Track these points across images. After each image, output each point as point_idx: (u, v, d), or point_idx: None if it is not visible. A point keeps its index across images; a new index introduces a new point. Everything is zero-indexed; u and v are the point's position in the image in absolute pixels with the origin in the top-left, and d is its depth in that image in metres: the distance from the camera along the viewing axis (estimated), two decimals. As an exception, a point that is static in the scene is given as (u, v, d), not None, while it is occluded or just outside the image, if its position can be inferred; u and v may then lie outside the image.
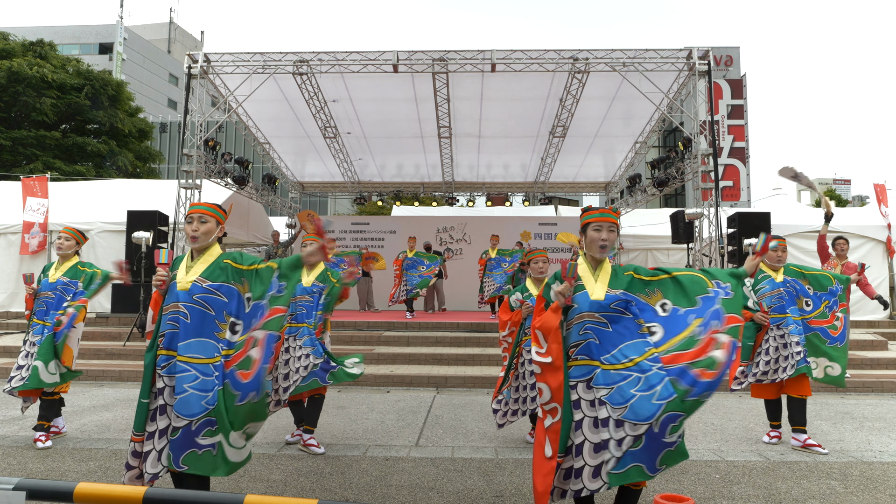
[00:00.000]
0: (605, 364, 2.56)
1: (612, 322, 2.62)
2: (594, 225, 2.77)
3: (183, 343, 2.62)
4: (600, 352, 2.59)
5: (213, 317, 2.66)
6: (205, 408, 2.54)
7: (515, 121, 11.75)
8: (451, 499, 3.38)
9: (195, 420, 2.53)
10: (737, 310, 2.54)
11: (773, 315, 4.49)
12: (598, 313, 2.62)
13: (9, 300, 11.11)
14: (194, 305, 2.66)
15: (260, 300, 2.69)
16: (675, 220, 10.63)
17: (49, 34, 34.75)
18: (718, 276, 2.66)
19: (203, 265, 2.77)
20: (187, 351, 2.60)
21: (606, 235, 2.73)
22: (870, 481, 3.72)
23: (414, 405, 6.00)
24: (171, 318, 2.68)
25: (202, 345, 2.62)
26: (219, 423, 2.55)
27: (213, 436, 2.54)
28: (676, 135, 16.11)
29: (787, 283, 4.52)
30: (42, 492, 1.51)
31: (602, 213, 2.76)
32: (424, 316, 11.01)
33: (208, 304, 2.67)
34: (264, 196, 13.30)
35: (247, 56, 9.66)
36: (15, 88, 21.73)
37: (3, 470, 3.81)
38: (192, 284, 2.69)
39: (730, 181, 16.21)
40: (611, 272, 2.74)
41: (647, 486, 3.58)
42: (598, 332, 2.61)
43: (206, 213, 2.86)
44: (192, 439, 2.52)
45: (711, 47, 10.62)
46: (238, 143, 34.89)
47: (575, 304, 2.66)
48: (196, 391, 2.55)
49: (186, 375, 2.57)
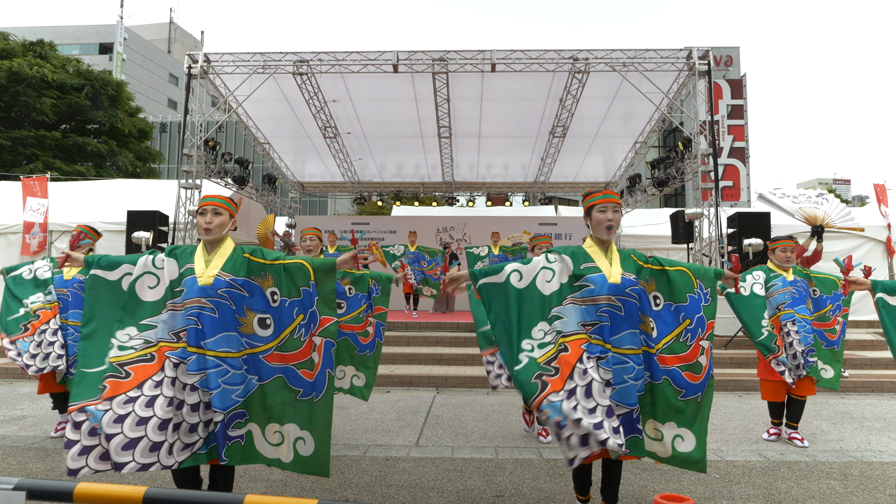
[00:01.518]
0: (613, 347, 2.64)
1: (625, 306, 2.68)
2: (599, 206, 2.83)
3: (212, 339, 2.59)
4: (611, 333, 2.66)
5: (234, 311, 2.65)
6: (236, 401, 2.57)
7: (515, 121, 11.75)
8: (451, 499, 3.39)
9: (227, 413, 2.55)
10: (713, 315, 2.80)
11: (786, 311, 4.51)
12: (615, 296, 2.68)
13: (9, 300, 11.10)
14: (220, 300, 2.62)
15: (293, 298, 2.71)
16: (675, 220, 10.63)
17: (49, 34, 34.75)
18: (700, 277, 2.82)
19: (222, 259, 2.72)
20: (217, 346, 2.58)
21: (612, 215, 2.80)
22: (870, 481, 3.72)
23: (414, 405, 6.00)
24: (193, 314, 2.60)
25: (230, 339, 2.61)
26: (250, 414, 2.61)
27: (241, 427, 2.60)
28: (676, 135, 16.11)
29: (797, 282, 4.56)
30: (42, 492, 1.51)
31: (605, 194, 2.85)
32: (425, 316, 11.01)
33: (231, 298, 2.65)
34: (264, 196, 13.30)
35: (247, 56, 9.66)
36: (15, 88, 21.72)
37: (3, 470, 3.81)
38: (216, 279, 2.64)
39: (730, 181, 16.20)
40: (621, 254, 2.81)
41: (646, 485, 3.58)
42: (612, 315, 2.67)
43: (219, 206, 2.81)
44: (224, 432, 2.55)
45: (711, 47, 10.61)
46: (238, 143, 34.86)
47: (592, 285, 2.68)
48: (227, 385, 2.56)
49: (219, 370, 2.56)
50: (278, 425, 2.65)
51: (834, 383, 4.50)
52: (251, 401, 2.62)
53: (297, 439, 2.64)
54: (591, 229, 2.88)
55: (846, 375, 6.78)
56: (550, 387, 2.52)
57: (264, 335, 2.68)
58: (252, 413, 2.61)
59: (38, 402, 5.90)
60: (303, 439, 2.63)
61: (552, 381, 2.53)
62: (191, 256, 2.74)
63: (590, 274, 2.70)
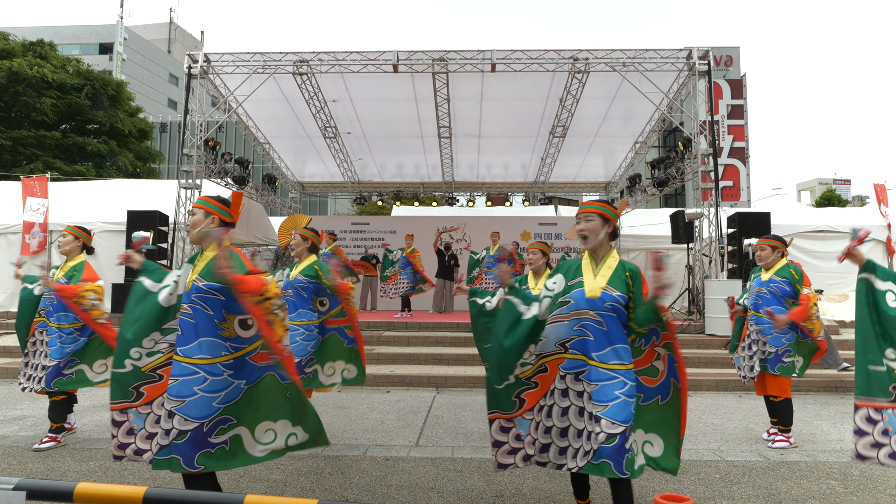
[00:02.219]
0: (594, 361, 2.63)
1: (607, 321, 2.66)
2: (576, 218, 2.89)
3: (189, 346, 2.57)
4: (594, 348, 2.64)
5: (212, 316, 2.60)
6: (216, 408, 2.50)
7: (515, 121, 11.75)
8: (451, 499, 3.39)
9: (207, 421, 2.48)
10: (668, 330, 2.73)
11: (751, 312, 4.62)
12: (593, 311, 2.66)
13: (9, 300, 11.10)
14: (195, 305, 2.61)
15: None
16: (675, 220, 10.63)
17: (49, 34, 34.73)
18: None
19: (202, 263, 2.74)
20: (192, 353, 2.55)
21: (584, 225, 2.82)
22: (870, 481, 3.72)
23: (414, 405, 6.00)
24: (178, 321, 2.65)
25: (207, 345, 2.56)
26: (238, 419, 2.55)
27: (226, 433, 2.52)
28: (676, 135, 16.10)
29: (773, 282, 4.53)
30: (42, 492, 1.51)
31: (582, 205, 2.90)
32: (425, 316, 11.01)
33: (206, 303, 2.61)
34: (264, 196, 13.30)
35: (247, 56, 9.66)
36: (15, 88, 21.72)
37: (3, 470, 3.81)
38: (192, 284, 2.66)
39: (730, 181, 16.18)
40: (616, 268, 2.75)
41: (646, 485, 3.58)
42: (593, 329, 2.66)
43: (195, 206, 2.86)
44: (204, 440, 2.48)
45: (711, 47, 10.62)
46: (238, 143, 34.86)
47: (572, 300, 2.69)
48: (206, 393, 2.50)
49: (195, 378, 2.51)
50: (271, 422, 2.62)
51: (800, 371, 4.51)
52: (238, 405, 2.56)
53: (290, 434, 2.64)
54: None
55: (850, 369, 6.76)
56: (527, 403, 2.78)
57: (247, 336, 2.62)
58: (240, 417, 2.55)
59: (38, 402, 5.90)
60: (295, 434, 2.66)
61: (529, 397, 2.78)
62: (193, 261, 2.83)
63: (573, 290, 2.72)
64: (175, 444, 2.47)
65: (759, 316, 4.53)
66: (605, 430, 2.48)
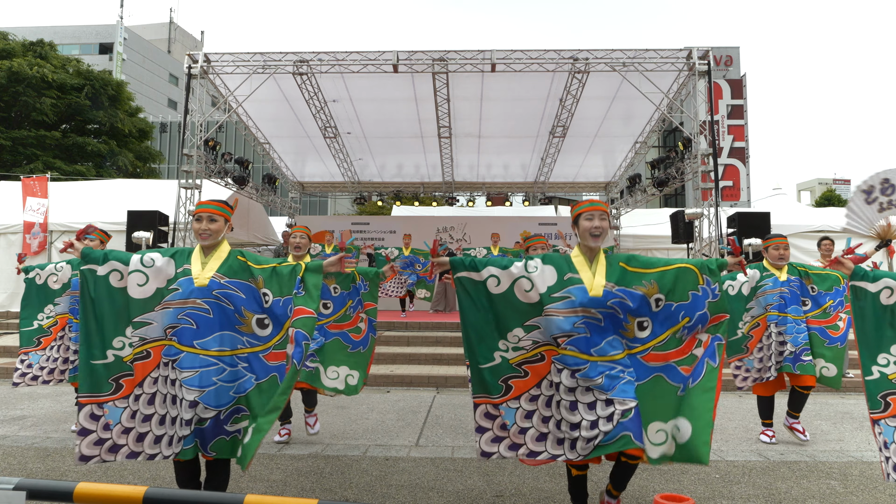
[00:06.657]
0: (594, 356, 2.64)
1: (606, 318, 2.69)
2: (586, 214, 2.87)
3: (206, 339, 2.67)
4: (590, 345, 2.66)
5: (232, 311, 2.74)
6: (233, 397, 2.66)
7: (515, 121, 11.75)
8: (451, 499, 3.39)
9: (224, 409, 2.63)
10: (722, 308, 2.75)
11: (772, 313, 4.51)
12: (595, 309, 2.68)
13: (9, 300, 11.10)
14: (215, 301, 2.71)
15: (283, 297, 2.76)
16: (675, 220, 10.63)
17: (49, 34, 34.72)
18: (707, 272, 2.78)
19: (217, 261, 2.81)
20: (211, 345, 2.67)
21: (598, 223, 2.82)
22: (870, 481, 3.72)
23: (414, 405, 6.00)
24: (188, 314, 2.69)
25: (225, 338, 2.70)
26: (248, 410, 2.67)
27: (240, 422, 2.66)
28: (676, 135, 16.10)
29: (791, 282, 4.52)
30: (42, 492, 1.52)
31: (591, 202, 2.89)
32: (425, 316, 11.01)
33: (227, 299, 2.73)
34: (264, 196, 13.30)
35: (247, 56, 9.66)
36: (15, 88, 21.72)
37: (3, 470, 3.81)
38: (211, 280, 2.74)
39: (730, 181, 16.19)
40: (606, 264, 2.80)
41: (646, 485, 3.58)
42: (591, 326, 2.68)
43: (214, 213, 2.90)
44: (221, 427, 2.63)
45: (711, 47, 10.61)
46: (238, 143, 34.84)
47: (572, 297, 2.69)
48: (224, 382, 2.65)
49: (214, 369, 2.64)
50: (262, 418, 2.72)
51: (835, 382, 4.44)
52: (249, 398, 2.68)
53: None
54: (578, 237, 2.90)
55: (850, 375, 6.75)
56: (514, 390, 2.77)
57: (263, 335, 2.76)
58: (251, 409, 2.68)
59: (38, 402, 5.90)
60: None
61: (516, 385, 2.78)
62: (188, 258, 2.84)
63: (571, 286, 2.72)
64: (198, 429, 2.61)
65: (783, 316, 4.45)
66: (618, 408, 2.55)
